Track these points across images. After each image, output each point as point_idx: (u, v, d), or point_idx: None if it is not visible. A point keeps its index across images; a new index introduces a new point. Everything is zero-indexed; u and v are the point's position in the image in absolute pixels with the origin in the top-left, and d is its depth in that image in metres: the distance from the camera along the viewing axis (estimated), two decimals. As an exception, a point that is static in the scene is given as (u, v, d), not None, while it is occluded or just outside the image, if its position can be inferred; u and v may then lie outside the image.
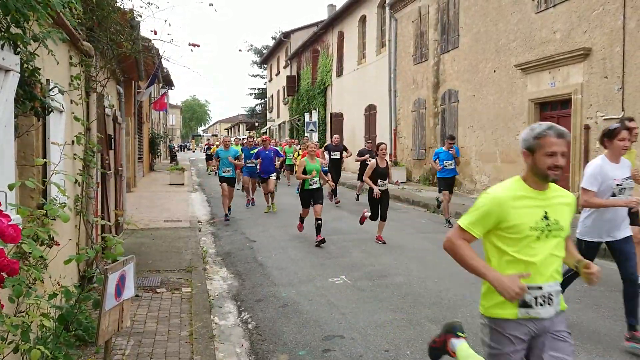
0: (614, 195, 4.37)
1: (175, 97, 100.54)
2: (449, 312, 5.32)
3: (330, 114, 26.58)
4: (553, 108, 11.90)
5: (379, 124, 20.78)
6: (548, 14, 11.55)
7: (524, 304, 2.39)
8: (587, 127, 10.52)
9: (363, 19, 22.73)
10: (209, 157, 27.13)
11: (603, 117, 10.13)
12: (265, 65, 45.14)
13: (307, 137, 22.76)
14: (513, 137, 12.81)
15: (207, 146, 31.56)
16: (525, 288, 2.30)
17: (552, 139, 2.41)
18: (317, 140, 22.60)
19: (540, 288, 2.40)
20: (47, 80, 4.09)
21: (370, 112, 21.85)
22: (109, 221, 7.14)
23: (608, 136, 4.42)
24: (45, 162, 3.90)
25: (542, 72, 11.75)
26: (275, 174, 12.97)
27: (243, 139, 26.82)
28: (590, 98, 10.45)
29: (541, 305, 2.40)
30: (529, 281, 2.36)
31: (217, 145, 23.90)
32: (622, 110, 9.66)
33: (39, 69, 3.49)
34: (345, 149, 14.97)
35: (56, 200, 3.70)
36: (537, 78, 11.97)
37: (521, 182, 2.52)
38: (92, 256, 3.43)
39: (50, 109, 3.76)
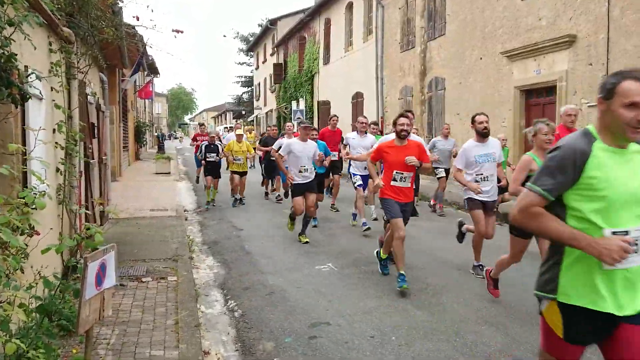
0: None
1: (161, 85, 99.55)
2: (434, 298, 5.37)
3: (318, 101, 26.48)
4: (538, 95, 11.96)
5: (366, 112, 20.73)
6: (534, 1, 11.57)
7: None
8: (571, 114, 10.59)
9: (350, 6, 22.60)
10: (213, 167, 11.84)
11: (587, 104, 10.21)
12: (252, 53, 44.76)
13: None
14: (499, 124, 12.87)
15: (207, 143, 12.30)
16: None
17: None
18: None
19: None
20: (26, 66, 4.00)
21: (357, 100, 21.81)
22: (93, 210, 7.07)
23: None
24: (25, 151, 3.83)
25: (528, 59, 11.79)
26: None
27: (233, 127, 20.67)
28: (575, 85, 10.52)
29: None
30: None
31: (240, 135, 11.92)
32: (606, 97, 9.74)
33: (16, 55, 3.41)
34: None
35: (35, 188, 3.64)
36: (522, 65, 12.01)
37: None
38: (72, 245, 3.39)
39: (28, 96, 3.68)
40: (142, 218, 9.57)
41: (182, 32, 7.42)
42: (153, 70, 27.69)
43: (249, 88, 48.78)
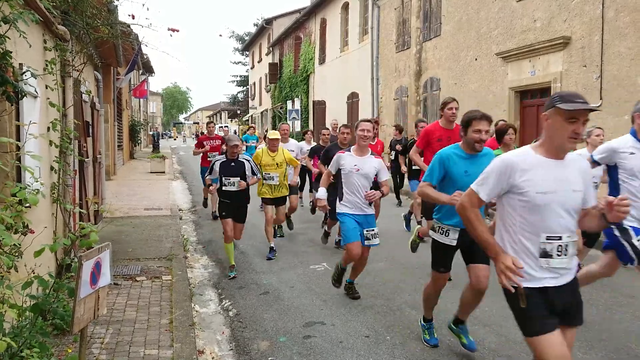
0: None
1: (156, 84, 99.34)
2: (429, 297, 5.38)
3: (313, 101, 26.48)
4: (533, 96, 12.01)
5: (362, 112, 20.76)
6: (529, 3, 11.61)
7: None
8: (566, 116, 10.64)
9: (345, 6, 22.61)
10: (234, 201, 6.49)
11: (581, 106, 10.26)
12: (247, 52, 44.72)
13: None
14: (493, 126, 12.89)
15: (222, 158, 6.55)
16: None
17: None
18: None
19: None
20: (20, 64, 3.99)
21: (353, 100, 21.83)
22: (88, 209, 7.05)
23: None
24: (18, 147, 3.81)
25: (523, 60, 11.83)
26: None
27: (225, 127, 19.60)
28: (569, 86, 10.56)
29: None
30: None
31: (274, 140, 7.26)
32: (600, 99, 9.79)
33: (11, 52, 3.40)
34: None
35: (29, 186, 3.62)
36: (517, 66, 12.06)
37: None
38: (67, 244, 3.38)
39: (23, 94, 3.67)
40: (137, 217, 9.55)
41: (177, 30, 7.39)
42: (148, 69, 27.62)
43: (244, 87, 48.73)
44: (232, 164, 6.40)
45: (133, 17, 6.75)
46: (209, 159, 9.66)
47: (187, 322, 4.53)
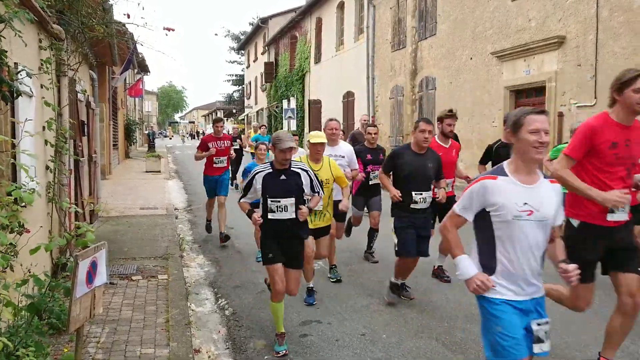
0: None
1: (151, 83, 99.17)
2: (425, 296, 5.40)
3: (309, 100, 26.47)
4: (528, 95, 12.06)
5: (357, 111, 20.78)
6: (524, 2, 11.66)
7: None
8: (560, 115, 10.69)
9: (341, 5, 22.61)
10: (284, 237, 4.27)
11: (576, 105, 10.32)
12: (243, 52, 44.65)
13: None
14: (489, 124, 12.95)
15: (266, 168, 4.26)
16: None
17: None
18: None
19: None
20: (15, 63, 3.98)
21: (349, 99, 21.84)
22: (83, 209, 7.04)
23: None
24: (14, 145, 3.80)
25: (518, 59, 11.88)
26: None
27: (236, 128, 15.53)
28: (564, 86, 10.62)
29: None
30: None
31: (319, 145, 5.06)
32: (595, 98, 9.85)
33: (6, 52, 3.39)
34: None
35: (25, 185, 3.62)
36: (512, 66, 12.10)
37: None
38: (62, 244, 3.38)
39: (18, 93, 3.67)
40: (132, 216, 9.53)
41: (173, 30, 7.40)
42: (143, 68, 27.57)
43: (240, 86, 48.65)
44: (283, 176, 4.17)
45: (128, 16, 6.77)
46: (215, 165, 7.90)
47: (183, 321, 4.53)
